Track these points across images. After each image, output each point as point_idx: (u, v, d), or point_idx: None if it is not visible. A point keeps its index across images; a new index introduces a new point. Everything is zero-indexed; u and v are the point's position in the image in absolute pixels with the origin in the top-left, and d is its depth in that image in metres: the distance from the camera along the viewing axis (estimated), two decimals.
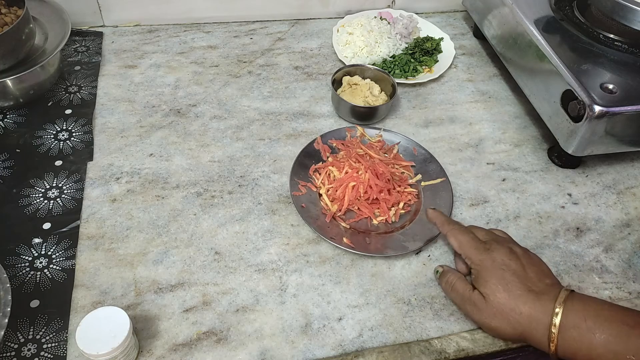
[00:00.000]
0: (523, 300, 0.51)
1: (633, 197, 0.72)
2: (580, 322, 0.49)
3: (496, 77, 0.89)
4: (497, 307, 0.52)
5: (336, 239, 0.62)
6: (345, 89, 0.80)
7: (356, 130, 0.74)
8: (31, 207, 0.64)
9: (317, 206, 0.66)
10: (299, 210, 0.64)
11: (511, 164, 0.75)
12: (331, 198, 0.66)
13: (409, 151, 0.73)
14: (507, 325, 0.52)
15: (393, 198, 0.66)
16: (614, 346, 0.47)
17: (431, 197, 0.68)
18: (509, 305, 0.52)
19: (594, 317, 0.49)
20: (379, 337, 0.55)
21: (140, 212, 0.64)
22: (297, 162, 0.69)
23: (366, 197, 0.66)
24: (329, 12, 0.97)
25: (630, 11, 0.69)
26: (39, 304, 0.56)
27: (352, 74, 0.81)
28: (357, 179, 0.65)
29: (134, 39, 0.89)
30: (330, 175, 0.68)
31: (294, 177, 0.67)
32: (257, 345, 0.54)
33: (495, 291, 0.52)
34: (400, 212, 0.66)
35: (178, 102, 0.79)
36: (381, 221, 0.65)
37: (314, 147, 0.72)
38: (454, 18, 1.01)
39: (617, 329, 0.48)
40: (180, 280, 0.58)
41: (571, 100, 0.66)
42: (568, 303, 0.50)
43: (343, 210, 0.65)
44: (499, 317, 0.52)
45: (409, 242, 0.62)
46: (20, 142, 0.71)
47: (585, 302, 0.51)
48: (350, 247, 0.61)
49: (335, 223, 0.64)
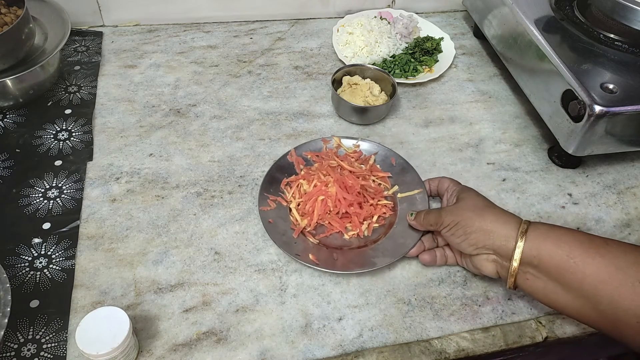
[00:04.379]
0: (492, 220, 0.54)
1: (633, 197, 0.72)
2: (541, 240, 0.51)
3: (496, 77, 0.89)
4: (473, 211, 0.56)
5: (302, 255, 0.59)
6: (345, 89, 0.80)
7: (332, 141, 0.72)
8: (31, 207, 0.64)
9: (287, 221, 0.63)
10: (266, 226, 0.61)
11: (511, 164, 0.75)
12: (301, 213, 0.64)
13: (387, 161, 0.70)
14: (482, 235, 0.54)
15: (365, 211, 0.64)
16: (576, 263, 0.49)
17: (407, 209, 0.65)
18: (482, 223, 0.55)
19: (554, 239, 0.51)
20: (379, 337, 0.55)
21: (140, 212, 0.64)
22: (269, 176, 0.67)
23: (336, 211, 0.63)
24: (329, 11, 0.97)
25: (630, 11, 0.69)
26: (39, 304, 0.56)
27: (352, 74, 0.81)
28: (326, 193, 0.63)
29: (134, 39, 0.89)
30: (301, 189, 0.65)
31: (264, 191, 0.65)
32: (257, 346, 0.54)
33: (469, 201, 0.57)
34: (374, 225, 0.64)
35: (178, 102, 0.79)
36: (353, 236, 0.63)
37: (287, 160, 0.69)
38: (454, 18, 1.01)
39: (577, 249, 0.50)
40: (180, 280, 0.58)
41: (571, 100, 0.66)
42: (529, 232, 0.52)
43: (312, 225, 0.63)
44: (476, 218, 0.55)
45: (378, 258, 0.60)
46: (20, 142, 0.71)
47: (546, 228, 0.53)
48: (315, 263, 0.58)
49: (304, 239, 0.62)
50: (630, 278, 0.46)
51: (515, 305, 0.59)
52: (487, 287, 0.60)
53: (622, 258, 0.48)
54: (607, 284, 0.47)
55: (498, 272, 0.55)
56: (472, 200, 0.58)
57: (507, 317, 0.58)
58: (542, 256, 0.50)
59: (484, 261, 0.55)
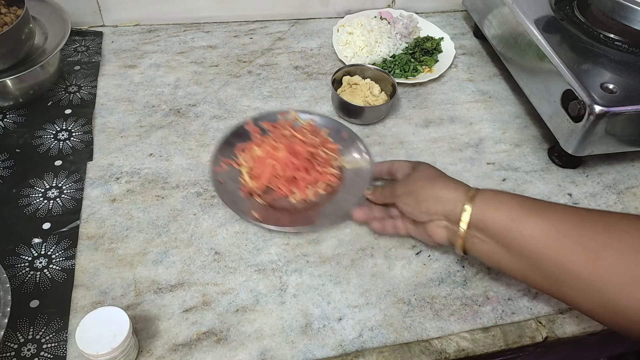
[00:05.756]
0: (443, 187, 0.56)
1: (633, 197, 0.72)
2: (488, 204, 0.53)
3: (496, 77, 0.89)
4: (422, 187, 0.57)
5: (246, 212, 0.63)
6: (345, 89, 0.80)
7: (289, 114, 0.74)
8: (31, 207, 0.64)
9: (237, 183, 0.67)
10: (215, 185, 0.65)
11: (511, 164, 0.75)
12: (251, 176, 0.67)
13: (340, 135, 0.73)
14: (434, 203, 0.56)
15: (312, 177, 0.67)
16: (509, 222, 0.50)
17: (352, 179, 0.68)
18: (433, 190, 0.56)
19: (497, 203, 0.52)
20: (379, 337, 0.55)
21: (140, 212, 0.64)
22: (225, 141, 0.70)
23: (285, 176, 0.66)
24: (329, 11, 0.97)
25: (630, 11, 0.69)
26: (39, 304, 0.55)
27: (352, 74, 0.81)
28: (275, 157, 0.66)
29: (134, 39, 0.89)
30: (253, 154, 0.69)
31: (218, 154, 0.69)
32: (257, 346, 0.54)
33: (421, 173, 0.59)
34: (319, 191, 0.67)
35: (178, 102, 0.79)
36: (299, 200, 0.66)
37: (244, 128, 0.72)
38: (454, 18, 1.01)
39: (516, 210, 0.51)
40: (180, 280, 0.58)
41: (571, 100, 0.66)
42: (477, 197, 0.53)
43: (261, 187, 0.66)
44: (426, 193, 0.57)
45: (320, 219, 0.64)
46: (20, 142, 0.71)
47: (491, 194, 0.54)
48: (257, 220, 0.62)
49: (252, 200, 0.66)
50: (571, 240, 0.47)
51: (515, 305, 0.59)
52: (487, 287, 0.60)
53: (564, 220, 0.48)
54: (550, 247, 0.48)
55: (449, 239, 0.56)
56: (425, 171, 0.60)
57: (507, 317, 0.58)
58: (486, 220, 0.52)
59: (436, 227, 0.57)
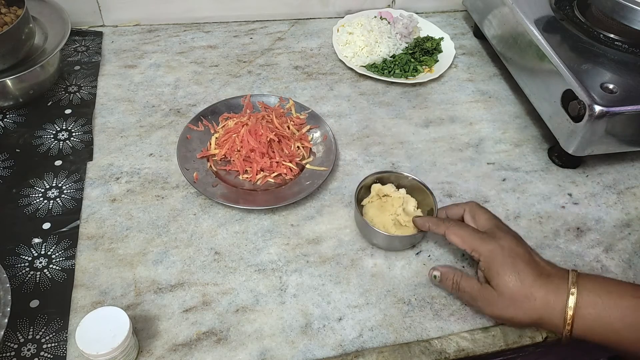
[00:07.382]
0: (537, 286, 0.51)
1: (633, 197, 0.72)
2: (595, 299, 0.50)
3: (496, 76, 0.89)
4: (511, 297, 0.52)
5: (189, 171, 0.66)
6: (373, 200, 0.65)
7: (287, 102, 0.76)
8: (31, 207, 0.64)
9: (203, 144, 0.70)
10: (180, 139, 0.69)
11: (511, 163, 0.75)
12: (218, 143, 0.70)
13: (321, 136, 0.73)
14: (522, 313, 0.52)
15: (265, 163, 0.68)
16: (630, 319, 0.49)
17: (309, 180, 0.68)
18: (523, 293, 0.51)
19: (607, 294, 0.50)
20: (379, 337, 0.55)
21: (140, 212, 0.64)
22: (215, 106, 0.74)
23: (242, 154, 0.68)
24: (329, 11, 0.97)
25: (630, 11, 0.69)
26: (39, 304, 0.55)
27: (385, 182, 0.66)
28: (239, 133, 0.69)
29: (134, 39, 0.89)
30: (227, 126, 0.71)
31: (201, 115, 0.72)
32: (257, 346, 0.54)
33: (508, 282, 0.52)
34: (269, 179, 0.68)
35: (178, 102, 0.79)
36: (247, 179, 0.68)
37: (239, 102, 0.75)
38: (454, 18, 1.01)
39: (630, 301, 0.50)
40: (180, 280, 0.58)
41: (571, 100, 0.66)
42: (580, 283, 0.51)
43: (219, 155, 0.69)
44: (513, 306, 0.52)
45: (249, 203, 0.64)
46: (20, 142, 0.71)
47: (595, 281, 0.52)
48: (193, 181, 0.65)
49: (204, 164, 0.68)
50: None
51: None
52: None
53: None
54: None
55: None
56: (508, 289, 0.52)
57: None
58: (594, 332, 0.51)
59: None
